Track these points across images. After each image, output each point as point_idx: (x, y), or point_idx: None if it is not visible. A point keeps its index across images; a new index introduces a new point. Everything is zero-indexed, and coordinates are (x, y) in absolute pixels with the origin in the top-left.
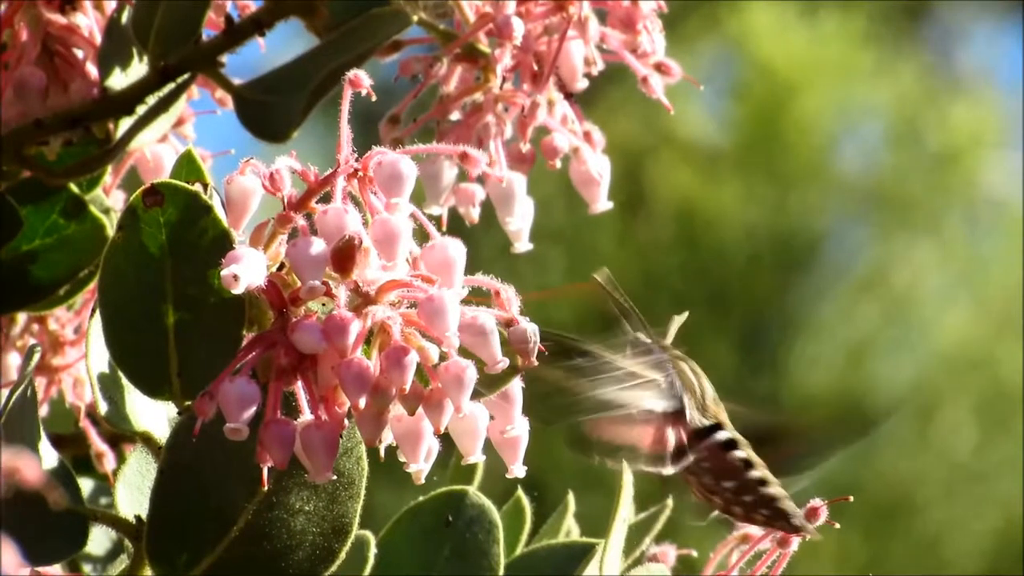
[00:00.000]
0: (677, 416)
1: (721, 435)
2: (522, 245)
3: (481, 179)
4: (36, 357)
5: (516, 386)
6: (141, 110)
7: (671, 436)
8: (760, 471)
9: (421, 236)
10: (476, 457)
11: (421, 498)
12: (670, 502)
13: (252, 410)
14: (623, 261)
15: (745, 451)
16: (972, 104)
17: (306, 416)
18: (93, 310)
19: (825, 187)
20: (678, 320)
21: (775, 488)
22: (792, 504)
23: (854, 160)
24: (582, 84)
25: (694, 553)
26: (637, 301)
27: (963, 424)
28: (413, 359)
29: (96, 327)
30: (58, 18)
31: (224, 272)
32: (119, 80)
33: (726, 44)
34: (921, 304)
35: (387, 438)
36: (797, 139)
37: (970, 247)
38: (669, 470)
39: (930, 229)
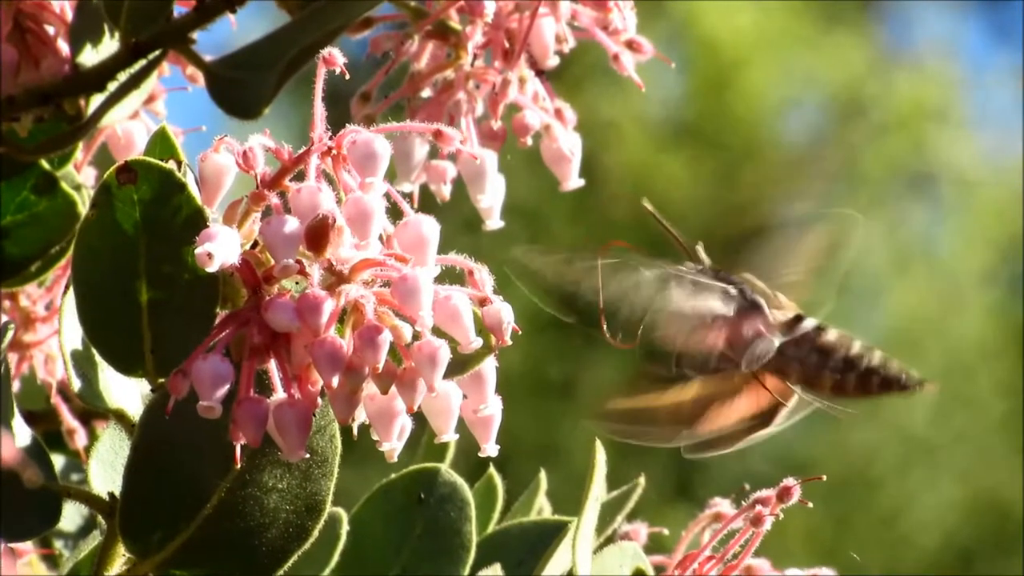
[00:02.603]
0: (755, 316)
1: (808, 322)
2: (493, 222)
3: (452, 156)
4: (9, 334)
5: (489, 365)
6: (112, 87)
7: (748, 330)
8: (860, 342)
9: (393, 214)
10: (449, 436)
11: (393, 476)
12: (642, 480)
13: (225, 388)
14: (579, 235)
15: (837, 331)
16: (916, 75)
17: (279, 394)
18: (66, 287)
19: (773, 160)
20: (701, 248)
21: (879, 354)
22: (899, 364)
23: (800, 133)
24: (553, 62)
25: (665, 532)
26: None
27: (916, 397)
28: (386, 338)
29: (69, 304)
30: None
31: (198, 250)
32: (90, 57)
33: (672, 19)
34: (871, 277)
35: (360, 417)
36: (744, 113)
37: (918, 219)
38: (756, 363)
39: (877, 202)
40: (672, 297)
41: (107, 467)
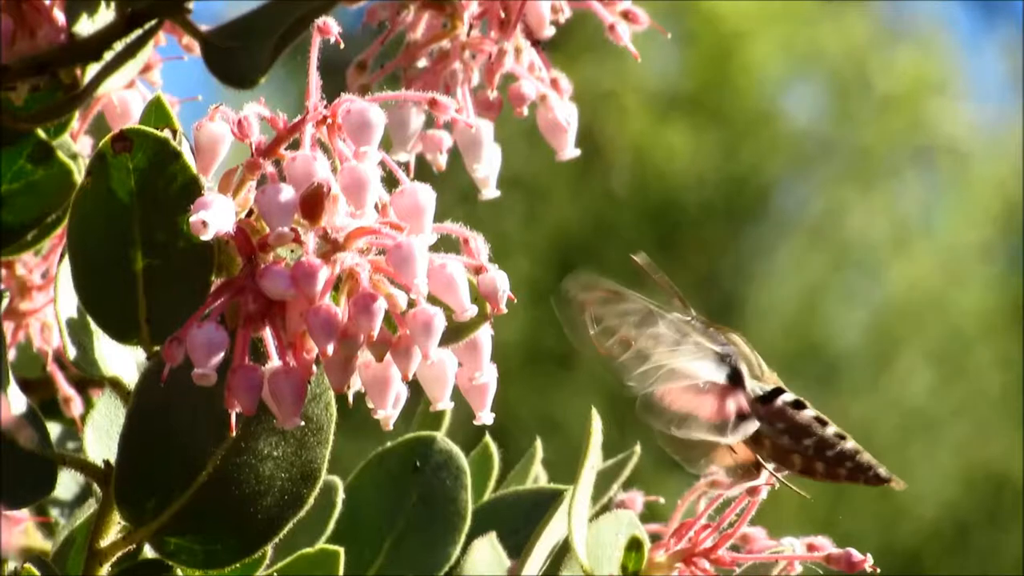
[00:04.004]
0: (735, 385)
1: (787, 397)
2: (489, 192)
3: (448, 126)
4: (4, 302)
5: (484, 333)
6: (108, 56)
7: (731, 404)
8: (834, 427)
9: (389, 183)
10: (444, 404)
11: (389, 444)
12: (638, 449)
13: (220, 356)
14: (579, 207)
15: (813, 410)
16: (919, 48)
17: (274, 362)
18: (61, 255)
19: (774, 134)
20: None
21: (852, 442)
22: (870, 456)
23: (802, 107)
24: (549, 31)
25: (661, 500)
26: (591, 248)
27: (916, 370)
28: (381, 306)
29: (65, 272)
30: None
31: (193, 218)
32: (86, 26)
33: None
34: (873, 250)
35: (355, 384)
36: (746, 86)
37: (918, 193)
38: (735, 437)
39: (880, 175)
40: (676, 353)
41: (103, 435)
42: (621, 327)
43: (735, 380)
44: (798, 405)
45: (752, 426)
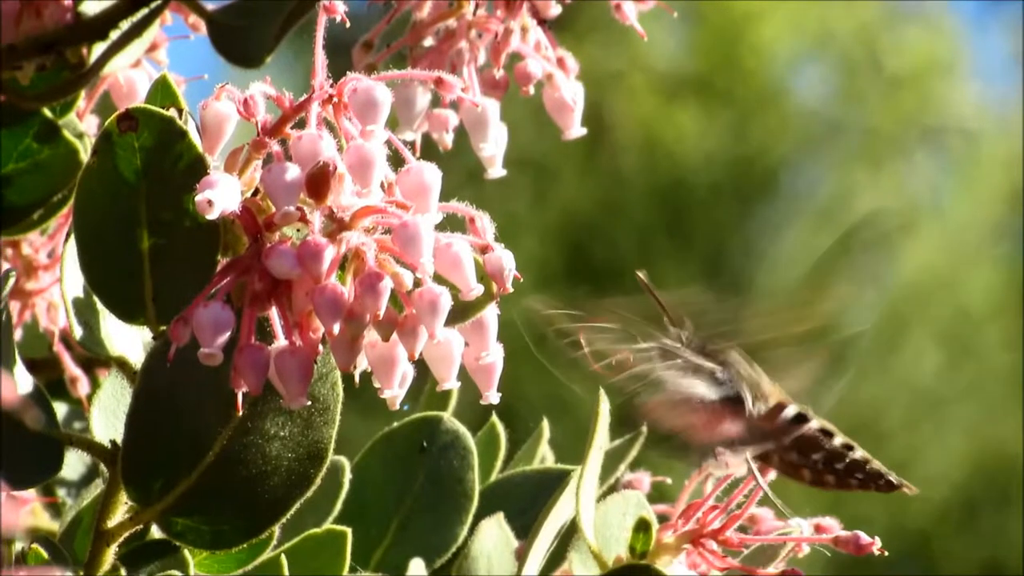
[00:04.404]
0: (736, 405)
1: (789, 411)
2: (495, 171)
3: (454, 105)
4: (10, 281)
5: (491, 312)
6: (114, 35)
7: (731, 424)
8: (841, 438)
9: (395, 162)
10: (451, 384)
11: (395, 424)
12: (645, 429)
13: (226, 335)
14: (587, 188)
15: (819, 421)
16: (927, 29)
17: (280, 342)
18: (68, 235)
19: (783, 114)
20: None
21: (861, 451)
22: (879, 464)
23: (811, 87)
24: (555, 11)
25: (669, 481)
26: (599, 228)
27: (926, 350)
28: (387, 285)
29: (71, 252)
30: None
31: (199, 197)
32: (92, 5)
33: None
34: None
35: (361, 364)
36: (754, 66)
37: (927, 173)
38: (739, 457)
39: (888, 155)
40: (663, 374)
41: (109, 415)
42: (609, 348)
43: (733, 402)
44: (800, 419)
45: (743, 453)
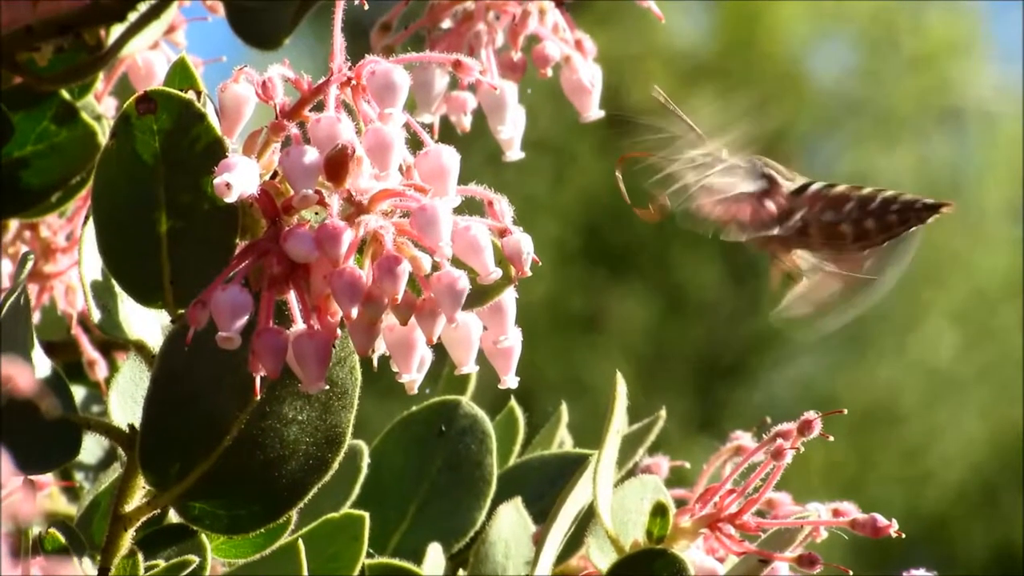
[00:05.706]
0: (772, 189)
1: (816, 184)
2: (513, 153)
3: (472, 87)
4: (29, 264)
5: (509, 296)
6: (132, 17)
7: (771, 204)
8: (868, 188)
9: (413, 145)
10: (469, 368)
11: (414, 408)
12: (663, 413)
13: (244, 319)
14: (606, 170)
15: (845, 185)
16: (946, 9)
17: (298, 325)
18: (86, 217)
19: (801, 95)
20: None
21: (890, 190)
22: (911, 193)
23: (830, 67)
24: None
25: (687, 465)
26: (618, 210)
27: (942, 331)
28: (405, 268)
29: (89, 234)
30: None
31: (217, 180)
32: None
33: None
34: None
35: (380, 348)
36: (772, 47)
37: (945, 153)
38: (782, 229)
39: (907, 136)
40: (711, 179)
41: (127, 399)
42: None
43: (770, 184)
44: (830, 186)
45: (795, 219)
